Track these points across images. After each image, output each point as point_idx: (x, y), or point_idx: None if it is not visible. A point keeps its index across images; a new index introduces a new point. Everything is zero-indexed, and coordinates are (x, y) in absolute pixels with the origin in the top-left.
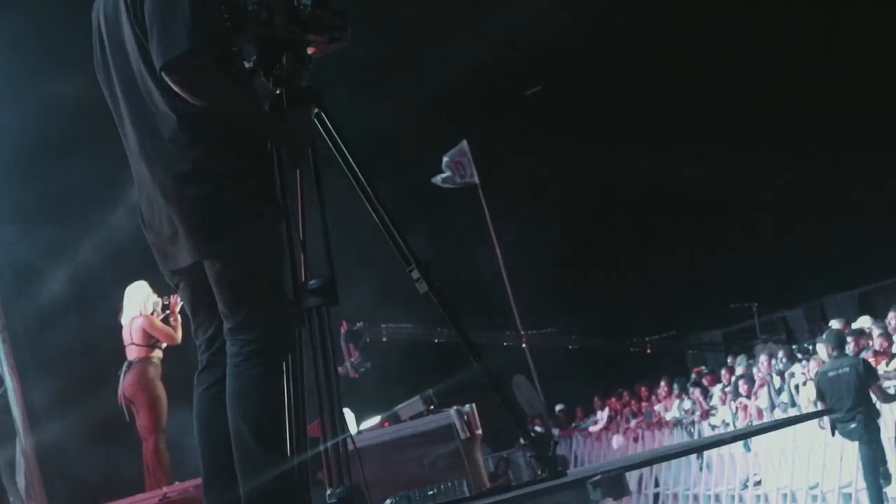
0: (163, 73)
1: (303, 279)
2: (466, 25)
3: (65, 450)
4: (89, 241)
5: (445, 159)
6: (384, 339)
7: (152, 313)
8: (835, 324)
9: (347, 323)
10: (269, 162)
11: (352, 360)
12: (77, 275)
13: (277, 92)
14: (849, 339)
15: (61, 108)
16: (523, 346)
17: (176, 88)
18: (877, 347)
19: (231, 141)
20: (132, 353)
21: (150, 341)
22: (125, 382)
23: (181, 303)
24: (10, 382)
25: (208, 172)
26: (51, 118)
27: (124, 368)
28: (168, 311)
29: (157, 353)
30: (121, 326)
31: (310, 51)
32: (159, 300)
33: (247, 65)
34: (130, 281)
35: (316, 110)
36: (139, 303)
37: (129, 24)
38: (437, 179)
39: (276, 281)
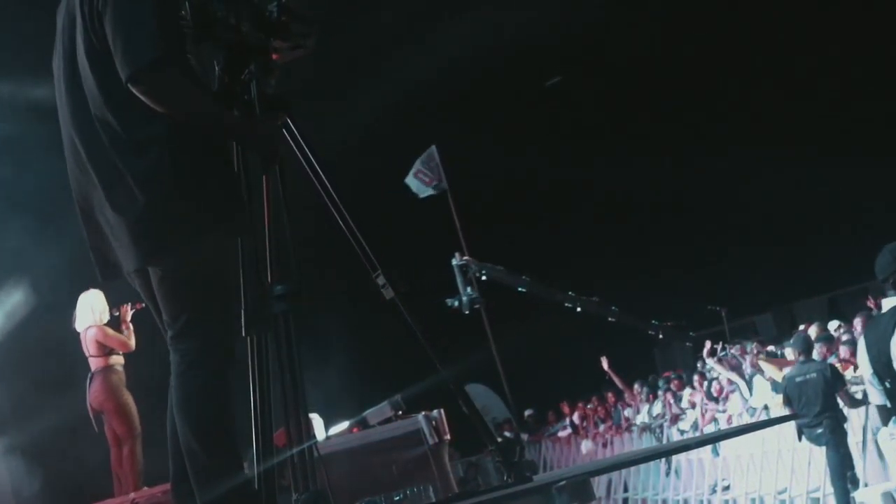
0: (129, 84)
1: (268, 285)
2: (431, 29)
3: (33, 454)
4: (55, 242)
5: (416, 167)
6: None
7: (106, 323)
8: (811, 329)
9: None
10: (225, 173)
11: (468, 294)
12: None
13: (245, 98)
14: (816, 344)
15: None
16: (492, 349)
17: (143, 98)
18: (843, 355)
19: (182, 151)
20: (92, 363)
21: (105, 350)
22: (91, 393)
23: (132, 311)
24: None
25: (155, 182)
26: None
27: (89, 378)
28: (120, 321)
29: (118, 360)
30: (77, 333)
31: (273, 57)
32: (106, 310)
33: (216, 68)
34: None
35: (283, 117)
36: (92, 312)
37: (84, 30)
38: (411, 183)
39: (218, 291)
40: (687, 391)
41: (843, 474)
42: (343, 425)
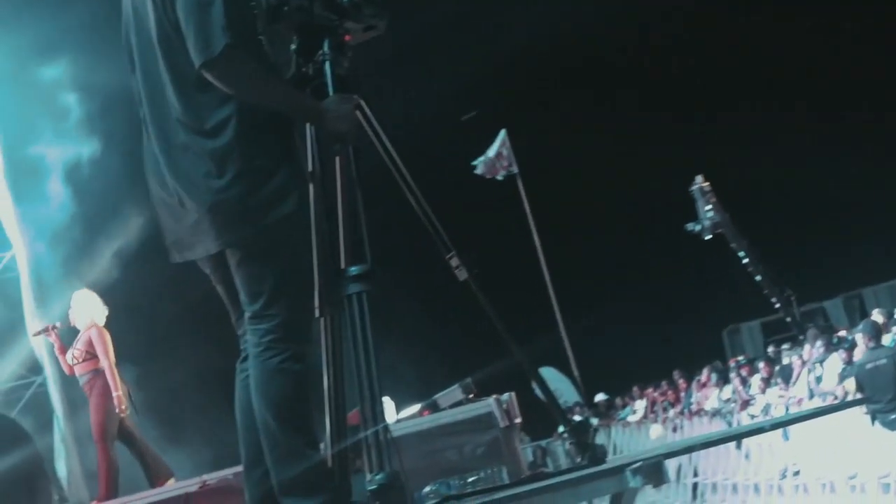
0: (202, 70)
1: (342, 266)
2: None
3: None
4: (131, 219)
5: (488, 154)
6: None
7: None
8: (876, 314)
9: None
10: (295, 153)
11: (709, 218)
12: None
13: (318, 79)
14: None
15: None
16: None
17: (216, 83)
18: None
19: (255, 134)
20: (80, 367)
21: (93, 351)
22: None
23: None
24: (48, 370)
25: (231, 165)
26: None
27: (86, 380)
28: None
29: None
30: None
31: (345, 38)
32: (104, 310)
33: (292, 47)
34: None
35: (356, 98)
36: (91, 311)
37: (156, 15)
38: (480, 170)
39: (295, 271)
40: (756, 376)
41: None
42: (414, 408)
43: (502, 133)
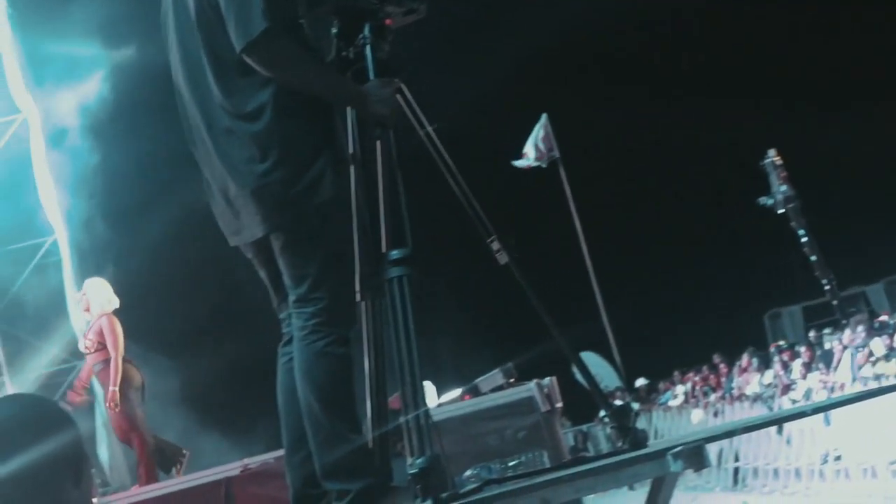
0: (243, 54)
1: (383, 250)
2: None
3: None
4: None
5: (530, 142)
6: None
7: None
8: None
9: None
10: (337, 137)
11: (782, 192)
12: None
13: (359, 63)
14: None
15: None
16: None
17: (257, 67)
18: None
19: (296, 118)
20: (93, 357)
21: (104, 342)
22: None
23: None
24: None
25: (273, 149)
26: None
27: (96, 371)
28: None
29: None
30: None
31: (386, 22)
32: (115, 298)
33: (332, 31)
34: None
35: (397, 82)
36: (103, 300)
37: (196, 3)
38: (521, 163)
39: (338, 254)
40: (798, 361)
41: None
42: (455, 393)
43: (543, 117)
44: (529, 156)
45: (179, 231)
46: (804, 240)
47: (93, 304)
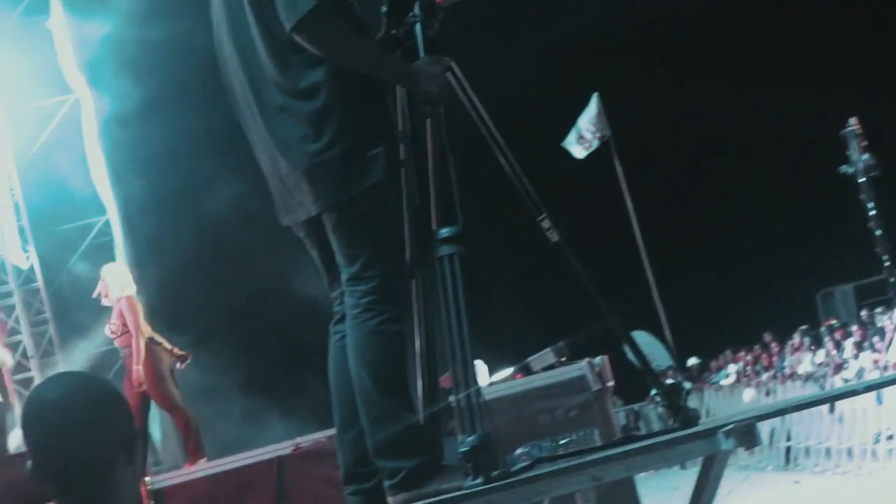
0: (292, 33)
1: (433, 228)
2: None
3: (198, 401)
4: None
5: (581, 125)
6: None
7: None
8: None
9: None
10: (388, 116)
11: (863, 160)
12: (212, 219)
13: (409, 41)
14: None
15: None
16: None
17: (307, 46)
18: None
19: (349, 97)
20: (121, 340)
21: (127, 325)
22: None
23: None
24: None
25: (326, 128)
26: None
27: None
28: None
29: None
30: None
31: (436, 1)
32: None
33: (382, 9)
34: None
35: (447, 60)
36: (121, 283)
37: None
38: (579, 151)
39: (391, 233)
40: (850, 340)
41: None
42: (506, 372)
43: (595, 97)
44: (586, 140)
45: (231, 213)
46: (872, 213)
47: (111, 289)
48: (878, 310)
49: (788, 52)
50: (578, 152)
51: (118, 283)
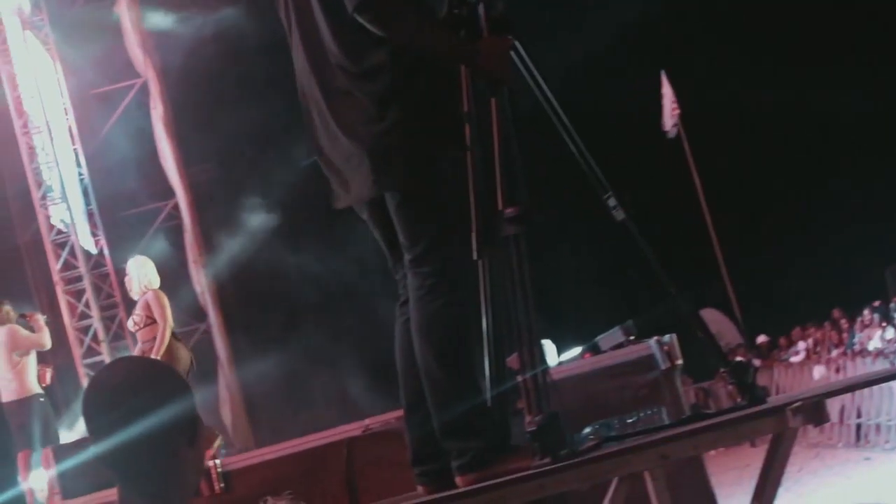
0: (356, 14)
1: (499, 208)
2: None
3: (267, 385)
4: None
5: (664, 102)
6: None
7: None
8: None
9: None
10: (452, 96)
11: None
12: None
13: (473, 20)
14: None
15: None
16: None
17: (370, 26)
18: None
19: (413, 77)
20: (143, 334)
21: (154, 316)
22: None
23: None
24: (213, 317)
25: (391, 108)
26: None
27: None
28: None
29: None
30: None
31: None
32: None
33: None
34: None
35: (510, 39)
36: (146, 277)
37: None
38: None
39: (454, 214)
40: None
41: None
42: (575, 351)
43: (662, 75)
44: (666, 121)
45: (296, 197)
46: None
47: (134, 283)
48: None
49: (858, 29)
50: (671, 131)
51: (141, 277)
